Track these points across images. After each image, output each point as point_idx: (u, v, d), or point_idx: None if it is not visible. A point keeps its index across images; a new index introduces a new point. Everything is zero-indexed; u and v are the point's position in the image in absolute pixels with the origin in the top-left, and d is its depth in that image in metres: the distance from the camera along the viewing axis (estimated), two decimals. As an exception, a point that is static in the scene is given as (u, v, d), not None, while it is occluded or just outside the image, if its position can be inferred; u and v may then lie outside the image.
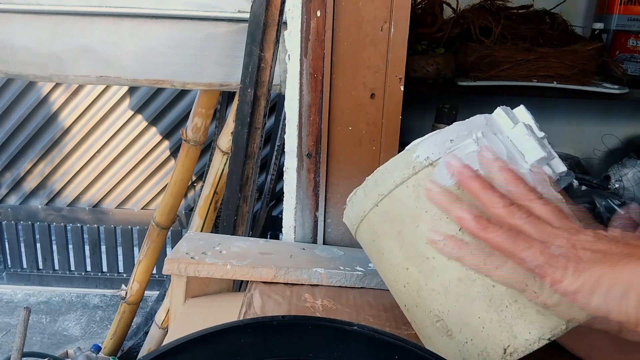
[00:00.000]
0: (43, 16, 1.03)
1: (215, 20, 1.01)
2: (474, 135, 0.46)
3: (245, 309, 0.62)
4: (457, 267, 0.44)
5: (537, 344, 0.41)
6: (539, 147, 0.47)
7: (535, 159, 0.47)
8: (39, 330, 1.96)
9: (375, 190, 0.49)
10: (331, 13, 0.71)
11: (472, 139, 0.46)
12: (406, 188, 0.47)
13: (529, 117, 0.50)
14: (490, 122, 0.49)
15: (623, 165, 1.38)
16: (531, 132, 0.48)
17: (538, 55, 1.19)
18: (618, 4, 1.35)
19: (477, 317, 0.43)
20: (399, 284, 0.49)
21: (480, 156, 0.44)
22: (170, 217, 1.41)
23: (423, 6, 1.26)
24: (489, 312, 0.42)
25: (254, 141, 0.93)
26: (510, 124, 0.48)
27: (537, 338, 0.40)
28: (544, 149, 0.47)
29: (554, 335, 0.40)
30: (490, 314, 0.42)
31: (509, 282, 0.40)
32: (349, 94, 0.74)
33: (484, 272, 0.41)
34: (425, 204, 0.46)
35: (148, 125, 2.01)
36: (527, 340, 0.41)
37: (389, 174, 0.48)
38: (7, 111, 2.00)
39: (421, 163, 0.46)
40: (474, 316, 0.43)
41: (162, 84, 1.07)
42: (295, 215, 0.80)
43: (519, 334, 0.41)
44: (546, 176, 0.46)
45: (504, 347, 0.41)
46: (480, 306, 0.43)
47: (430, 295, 0.46)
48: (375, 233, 0.50)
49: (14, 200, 2.13)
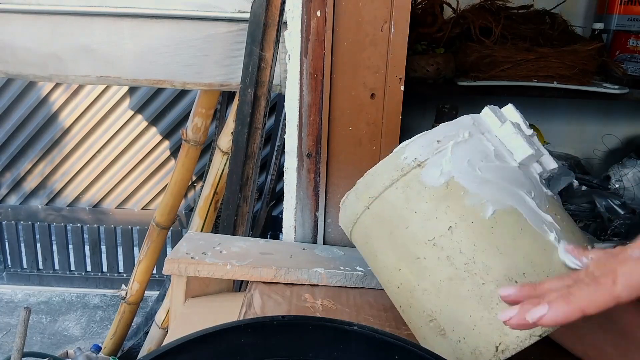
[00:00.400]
0: (43, 16, 1.02)
1: (215, 20, 1.01)
2: (462, 135, 0.46)
3: (245, 309, 0.62)
4: (447, 267, 0.44)
5: (528, 340, 0.41)
6: (527, 144, 0.47)
7: (524, 156, 0.47)
8: (39, 330, 1.96)
9: (366, 193, 0.49)
10: (331, 13, 0.71)
11: (459, 139, 0.46)
12: (395, 190, 0.47)
13: (517, 115, 0.50)
14: (478, 121, 0.49)
15: (623, 165, 1.38)
16: (519, 130, 0.48)
17: (538, 55, 1.19)
18: (618, 4, 1.35)
19: (468, 316, 0.43)
20: (393, 285, 0.49)
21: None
22: (170, 217, 1.41)
23: (423, 6, 1.26)
24: (480, 310, 0.42)
25: (254, 141, 0.93)
26: (498, 123, 0.48)
27: (528, 335, 0.41)
28: (532, 146, 0.47)
29: (544, 332, 0.40)
30: (481, 312, 0.42)
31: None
32: (349, 94, 0.74)
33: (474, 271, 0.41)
34: (414, 204, 0.46)
35: (148, 125, 2.01)
36: (518, 337, 0.41)
37: (378, 177, 0.48)
38: (7, 111, 2.00)
39: (409, 164, 0.46)
40: (466, 315, 0.43)
41: (162, 84, 1.07)
42: (295, 215, 0.80)
43: (510, 331, 0.41)
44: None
45: (496, 344, 0.41)
46: (471, 305, 0.43)
47: (423, 295, 0.46)
48: (368, 235, 0.51)
49: (14, 200, 2.13)
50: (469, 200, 0.44)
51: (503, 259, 0.42)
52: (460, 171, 0.45)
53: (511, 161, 0.47)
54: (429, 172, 0.45)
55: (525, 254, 0.42)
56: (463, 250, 0.43)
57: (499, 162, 0.46)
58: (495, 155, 0.46)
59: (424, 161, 0.46)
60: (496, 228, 0.43)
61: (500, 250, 0.42)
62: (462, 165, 0.45)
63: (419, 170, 0.46)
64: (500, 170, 0.46)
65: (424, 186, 0.46)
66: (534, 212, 0.44)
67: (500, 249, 0.43)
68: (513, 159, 0.47)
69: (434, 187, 0.45)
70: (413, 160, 0.46)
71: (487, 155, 0.46)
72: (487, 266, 0.42)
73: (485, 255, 0.43)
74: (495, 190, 0.45)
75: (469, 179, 0.45)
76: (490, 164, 0.46)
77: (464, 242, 0.43)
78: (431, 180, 0.45)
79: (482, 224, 0.43)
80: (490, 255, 0.43)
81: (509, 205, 0.44)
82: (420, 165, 0.46)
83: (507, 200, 0.44)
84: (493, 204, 0.44)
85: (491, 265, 0.42)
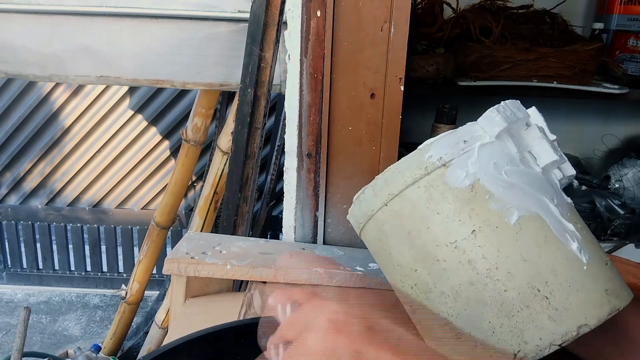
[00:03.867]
0: (43, 16, 1.02)
1: (215, 20, 1.01)
2: (488, 136, 0.45)
3: (245, 309, 0.62)
4: (468, 271, 0.43)
5: (547, 349, 0.40)
6: (552, 150, 0.46)
7: (548, 161, 0.46)
8: (39, 330, 1.96)
9: (385, 190, 0.48)
10: (331, 13, 0.71)
11: (485, 140, 0.45)
12: (417, 189, 0.46)
13: (541, 119, 0.49)
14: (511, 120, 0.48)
15: (623, 165, 1.39)
16: (544, 134, 0.47)
17: (538, 55, 1.19)
18: (618, 4, 1.35)
19: (487, 322, 0.42)
20: (406, 285, 0.48)
21: None
22: (170, 217, 1.41)
23: (423, 6, 1.26)
24: (500, 317, 0.42)
25: (254, 141, 0.93)
26: (524, 126, 0.48)
27: (547, 344, 0.40)
28: (556, 152, 0.46)
29: (564, 342, 0.40)
30: (501, 318, 0.42)
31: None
32: (349, 94, 0.74)
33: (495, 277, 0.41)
34: (437, 205, 0.45)
35: (148, 125, 2.01)
36: (537, 346, 0.40)
37: (399, 174, 0.47)
38: (7, 111, 2.00)
39: (434, 164, 0.45)
40: (485, 320, 0.42)
41: (162, 84, 1.07)
42: (295, 215, 0.80)
43: (530, 339, 0.41)
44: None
45: (514, 352, 0.41)
46: (491, 311, 0.42)
47: (440, 298, 0.45)
48: (383, 233, 0.49)
49: (14, 200, 2.13)
50: (493, 205, 0.43)
51: (526, 266, 0.42)
52: (486, 174, 0.44)
53: (534, 166, 0.46)
54: (454, 173, 0.44)
55: (548, 262, 0.42)
56: (486, 255, 0.42)
57: (523, 166, 0.45)
58: (520, 159, 0.45)
59: (450, 161, 0.45)
60: (520, 234, 0.42)
61: (524, 258, 0.42)
62: (488, 167, 0.44)
63: (444, 170, 0.45)
64: (526, 175, 0.45)
65: (448, 187, 0.44)
66: (557, 219, 0.43)
67: (524, 256, 0.42)
68: (536, 164, 0.46)
69: (458, 189, 0.44)
70: (438, 160, 0.45)
71: (512, 158, 0.45)
72: (510, 273, 0.42)
73: (509, 262, 0.42)
74: (520, 195, 0.44)
75: (494, 183, 0.44)
76: (515, 167, 0.45)
77: (487, 247, 0.43)
78: (456, 181, 0.44)
79: (506, 230, 0.43)
80: (514, 262, 0.42)
81: (534, 211, 0.43)
82: (445, 165, 0.45)
83: (531, 207, 0.43)
84: (518, 209, 0.43)
85: (514, 273, 0.42)
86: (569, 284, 0.41)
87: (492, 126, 0.45)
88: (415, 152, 0.47)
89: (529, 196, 0.44)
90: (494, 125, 0.45)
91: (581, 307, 0.41)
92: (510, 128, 0.46)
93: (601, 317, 0.41)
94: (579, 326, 0.40)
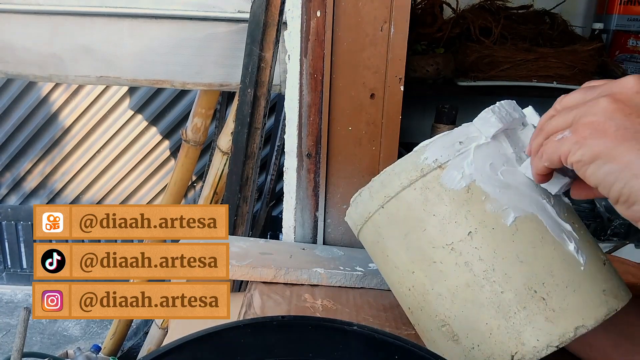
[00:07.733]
0: (43, 16, 1.02)
1: (215, 20, 1.01)
2: (484, 137, 0.45)
3: (245, 309, 0.62)
4: (465, 272, 0.43)
5: (545, 351, 0.40)
6: None
7: None
8: (39, 330, 1.96)
9: (382, 192, 0.48)
10: (331, 13, 0.71)
11: (481, 141, 0.45)
12: (414, 190, 0.46)
13: (537, 118, 0.49)
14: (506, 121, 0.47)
15: (623, 165, 1.38)
16: None
17: (538, 56, 1.19)
18: (618, 4, 1.35)
19: (484, 323, 0.42)
20: (403, 286, 0.48)
21: None
22: (170, 217, 1.41)
23: (423, 6, 1.26)
24: (497, 319, 0.42)
25: (254, 141, 0.93)
26: (520, 125, 0.48)
27: (545, 345, 0.40)
28: None
29: (562, 343, 0.40)
30: (499, 320, 0.42)
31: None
32: (349, 94, 0.74)
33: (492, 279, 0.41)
34: (433, 207, 0.45)
35: (148, 125, 2.01)
36: (535, 348, 0.40)
37: (396, 176, 0.47)
38: (7, 111, 2.00)
39: (429, 165, 0.45)
40: (482, 322, 0.42)
41: (162, 84, 1.07)
42: (295, 215, 0.80)
43: (527, 341, 0.41)
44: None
45: (512, 354, 0.41)
46: (489, 312, 0.42)
47: (437, 300, 0.45)
48: (380, 235, 0.49)
49: (14, 200, 2.13)
50: (490, 206, 0.43)
51: (523, 267, 0.42)
52: (482, 175, 0.44)
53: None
54: (450, 174, 0.44)
55: (545, 263, 0.42)
56: (483, 257, 0.42)
57: (518, 165, 0.45)
58: (516, 159, 0.45)
59: (445, 163, 0.45)
60: (517, 236, 0.42)
61: (521, 259, 0.42)
62: (484, 168, 0.44)
63: (440, 172, 0.45)
64: (522, 175, 0.45)
65: (444, 189, 0.44)
66: (554, 220, 0.43)
67: (520, 257, 0.42)
68: None
69: (454, 191, 0.44)
70: (434, 161, 0.45)
71: (508, 159, 0.45)
72: (506, 274, 0.42)
73: (505, 264, 0.42)
74: (516, 196, 0.44)
75: (490, 184, 0.44)
76: (511, 168, 0.45)
77: (483, 249, 0.43)
78: (452, 183, 0.44)
79: (503, 231, 0.43)
80: (510, 264, 0.42)
81: (530, 212, 0.43)
82: (441, 167, 0.45)
83: (527, 207, 0.43)
84: (514, 210, 0.43)
85: (511, 274, 0.42)
86: (566, 285, 0.41)
87: (487, 127, 0.45)
88: (410, 153, 0.47)
89: (525, 197, 0.44)
90: (489, 126, 0.45)
91: (578, 307, 0.41)
92: (506, 128, 0.46)
93: (599, 317, 0.41)
94: (577, 327, 0.40)
